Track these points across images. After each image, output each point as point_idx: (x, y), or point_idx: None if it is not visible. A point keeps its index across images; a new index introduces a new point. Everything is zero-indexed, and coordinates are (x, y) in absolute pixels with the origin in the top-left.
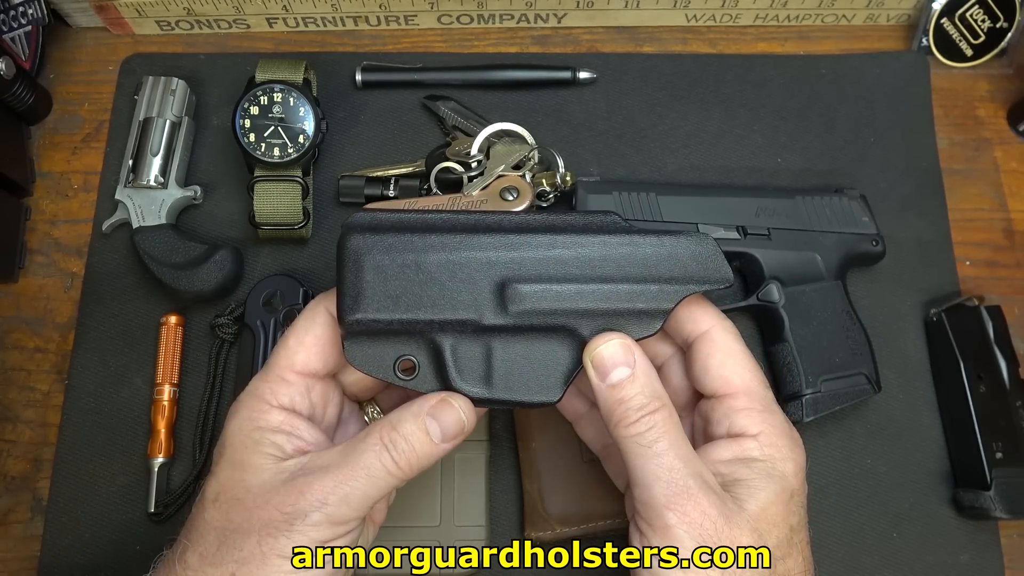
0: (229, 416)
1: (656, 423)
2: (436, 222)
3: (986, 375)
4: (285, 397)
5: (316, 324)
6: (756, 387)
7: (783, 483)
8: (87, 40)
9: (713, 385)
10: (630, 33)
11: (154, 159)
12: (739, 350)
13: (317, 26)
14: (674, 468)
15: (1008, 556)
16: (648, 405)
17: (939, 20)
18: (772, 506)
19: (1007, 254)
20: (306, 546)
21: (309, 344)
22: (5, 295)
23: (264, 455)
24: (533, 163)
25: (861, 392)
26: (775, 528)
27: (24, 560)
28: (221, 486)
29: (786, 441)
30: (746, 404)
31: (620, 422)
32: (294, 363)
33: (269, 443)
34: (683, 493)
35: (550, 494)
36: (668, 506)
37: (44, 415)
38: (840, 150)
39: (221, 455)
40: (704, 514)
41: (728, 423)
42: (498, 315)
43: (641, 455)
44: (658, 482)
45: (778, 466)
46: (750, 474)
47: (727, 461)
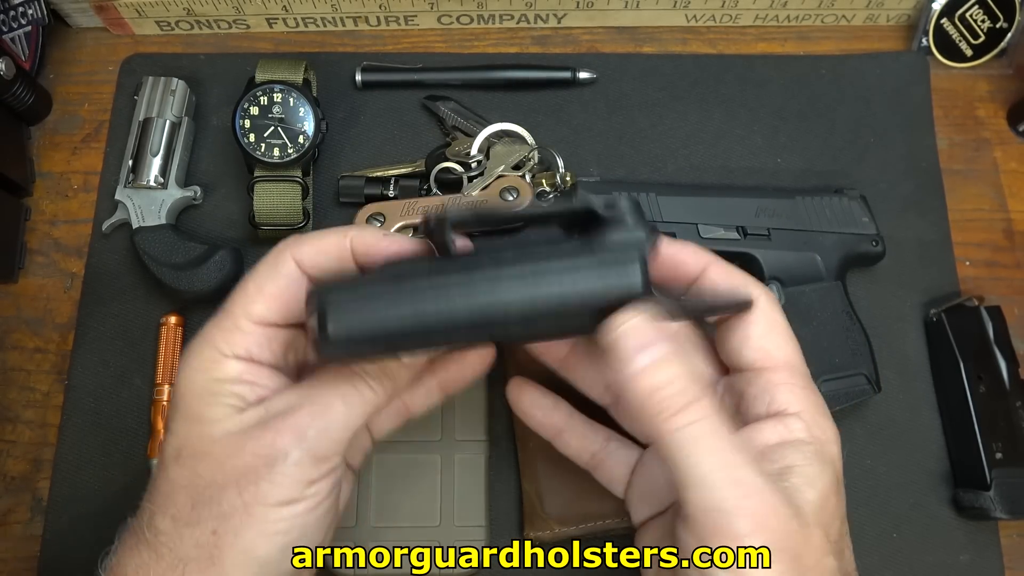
0: (181, 367)
1: (705, 412)
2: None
3: (986, 375)
4: (241, 347)
5: (280, 275)
6: (797, 362)
7: (834, 468)
8: (87, 40)
9: (751, 356)
10: (630, 33)
11: (154, 159)
12: (781, 322)
13: (317, 26)
14: (737, 465)
15: (1008, 556)
16: (688, 390)
17: (939, 20)
18: (831, 496)
19: (1007, 254)
20: (291, 491)
21: (269, 294)
22: (5, 295)
23: (224, 406)
24: (533, 163)
25: (861, 392)
26: (835, 521)
27: (24, 560)
28: (181, 443)
29: (829, 422)
30: (787, 379)
31: (659, 415)
32: (250, 312)
33: (229, 393)
34: (754, 493)
35: (548, 494)
36: (739, 511)
37: (44, 415)
38: (840, 150)
39: (176, 410)
40: (779, 515)
41: (768, 399)
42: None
43: (693, 452)
44: (724, 484)
45: (827, 449)
46: (802, 460)
47: (774, 446)
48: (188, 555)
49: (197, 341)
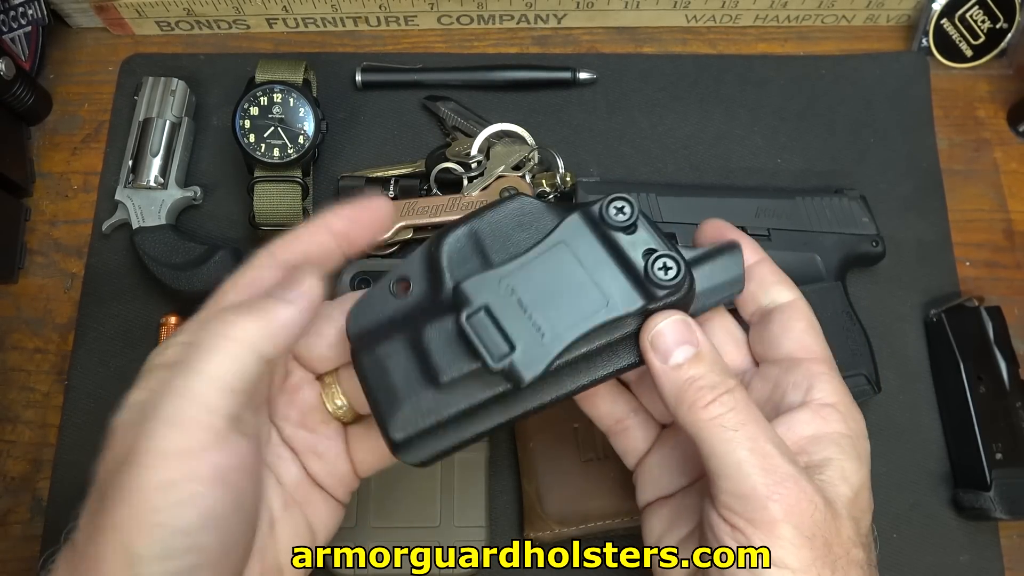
0: (155, 352)
1: (737, 403)
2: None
3: (986, 376)
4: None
5: (260, 276)
6: (831, 358)
7: (867, 464)
8: (87, 40)
9: (791, 347)
10: (630, 34)
11: (154, 159)
12: (818, 327)
13: (317, 26)
14: (769, 453)
15: (1008, 556)
16: (722, 384)
17: (939, 21)
18: (863, 490)
19: (1007, 255)
20: (187, 439)
21: (243, 289)
22: (5, 295)
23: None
24: (533, 164)
25: (861, 393)
26: (864, 515)
27: (24, 560)
28: (117, 421)
29: (861, 416)
30: (827, 370)
31: (694, 404)
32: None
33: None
34: (787, 480)
35: (548, 494)
36: (772, 497)
37: (44, 415)
38: (840, 151)
39: (136, 386)
40: (812, 503)
41: (807, 386)
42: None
43: (727, 440)
44: (755, 470)
45: (860, 444)
46: (839, 453)
47: (811, 438)
48: (82, 553)
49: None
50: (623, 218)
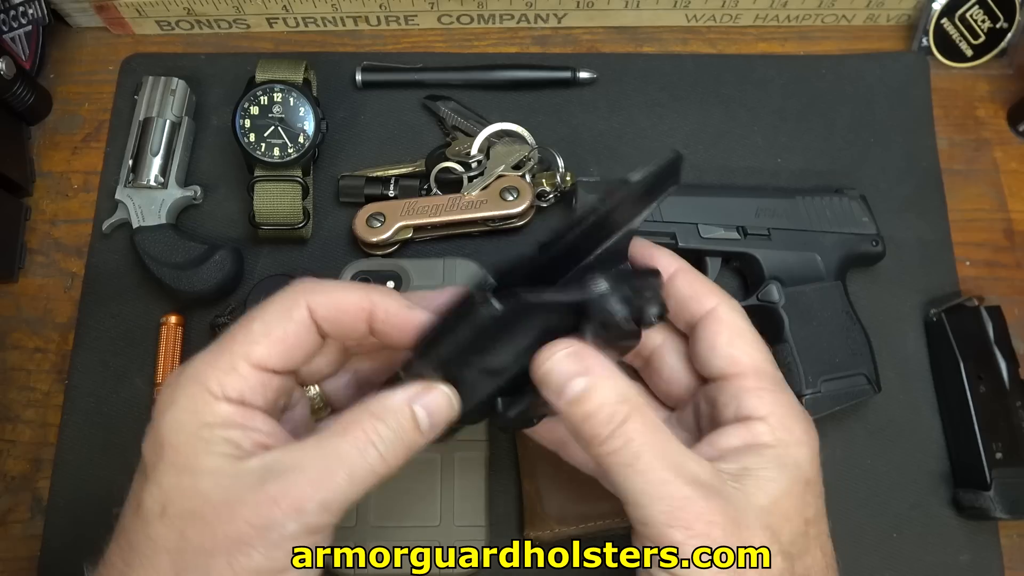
0: (164, 405)
1: (631, 434)
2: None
3: (986, 375)
4: (234, 390)
5: (291, 320)
6: (765, 366)
7: (796, 472)
8: (87, 40)
9: (720, 365)
10: (630, 33)
11: (154, 159)
12: (746, 328)
13: (317, 26)
14: (665, 481)
15: (1008, 556)
16: (616, 415)
17: (939, 20)
18: (785, 499)
19: (1007, 254)
20: (282, 562)
21: (276, 339)
22: (5, 295)
23: (218, 455)
24: (533, 163)
25: (861, 392)
26: (788, 523)
27: (24, 560)
28: (167, 496)
29: (799, 424)
30: (755, 384)
31: (592, 441)
32: (251, 354)
33: (221, 440)
34: (682, 507)
35: (548, 494)
36: (669, 524)
37: (44, 415)
38: (840, 150)
39: (159, 457)
40: (710, 523)
41: (736, 405)
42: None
43: (624, 474)
44: (652, 500)
45: (791, 451)
46: (760, 463)
47: (736, 449)
48: None
49: (184, 378)
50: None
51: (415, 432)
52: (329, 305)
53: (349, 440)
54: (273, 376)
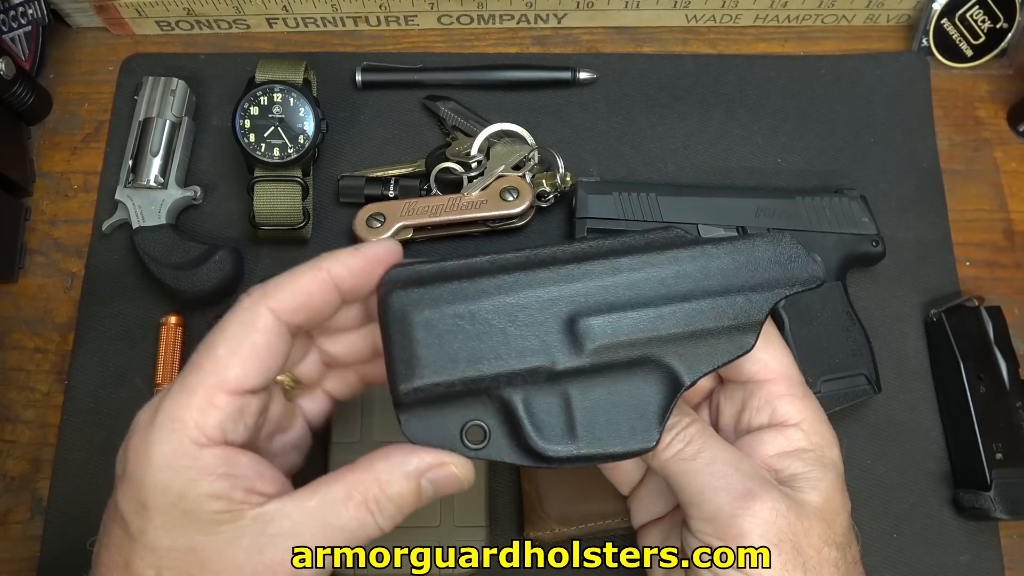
0: (141, 457)
1: (692, 435)
2: (482, 265)
3: (986, 375)
4: (215, 428)
5: (256, 331)
6: (793, 371)
7: (835, 471)
8: (87, 40)
9: (753, 369)
10: (630, 33)
11: (154, 159)
12: (775, 333)
13: (317, 26)
14: (728, 475)
15: (1008, 556)
16: (679, 422)
17: (939, 20)
18: (833, 495)
19: (1007, 254)
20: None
21: (247, 356)
22: (5, 295)
23: (212, 518)
24: (533, 163)
25: (861, 393)
26: (837, 517)
27: (24, 560)
28: (162, 561)
29: (826, 426)
30: (787, 390)
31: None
32: (225, 382)
33: (211, 501)
34: (748, 495)
35: (548, 494)
36: (736, 513)
37: (44, 415)
38: (840, 150)
39: (146, 520)
40: (775, 511)
41: (770, 410)
42: (572, 356)
43: (688, 472)
44: (717, 492)
45: (827, 453)
46: (804, 467)
47: (776, 456)
48: None
49: (160, 425)
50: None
51: (418, 502)
52: (292, 299)
53: (351, 510)
54: (252, 397)
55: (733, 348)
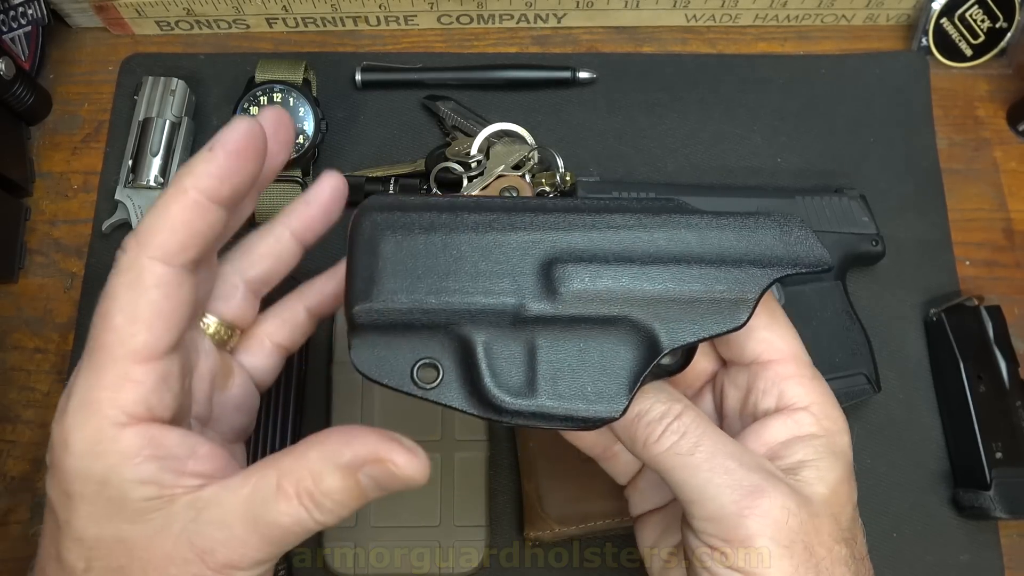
0: (61, 446)
1: (687, 427)
2: (466, 202)
3: (986, 375)
4: (136, 404)
5: (146, 287)
6: (801, 352)
7: (845, 459)
8: (87, 40)
9: (757, 349)
10: (630, 33)
11: (154, 159)
12: (781, 313)
13: (317, 26)
14: (731, 469)
15: (1008, 556)
16: (669, 411)
17: (939, 20)
18: (841, 486)
19: (1007, 254)
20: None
21: (149, 317)
22: (5, 295)
23: (141, 506)
24: (533, 163)
25: (861, 392)
26: (844, 510)
27: (24, 560)
28: (91, 553)
29: (837, 411)
30: (795, 371)
31: (647, 441)
32: (135, 352)
33: (139, 487)
34: (755, 492)
35: (548, 494)
36: (743, 513)
37: (44, 415)
38: (840, 150)
39: (72, 511)
40: (786, 509)
41: (778, 392)
42: (543, 302)
43: (686, 468)
44: (721, 489)
45: (837, 440)
46: (813, 454)
47: (785, 442)
48: None
49: (74, 411)
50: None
51: (361, 497)
52: (172, 238)
53: (282, 504)
54: (171, 359)
55: (722, 321)
